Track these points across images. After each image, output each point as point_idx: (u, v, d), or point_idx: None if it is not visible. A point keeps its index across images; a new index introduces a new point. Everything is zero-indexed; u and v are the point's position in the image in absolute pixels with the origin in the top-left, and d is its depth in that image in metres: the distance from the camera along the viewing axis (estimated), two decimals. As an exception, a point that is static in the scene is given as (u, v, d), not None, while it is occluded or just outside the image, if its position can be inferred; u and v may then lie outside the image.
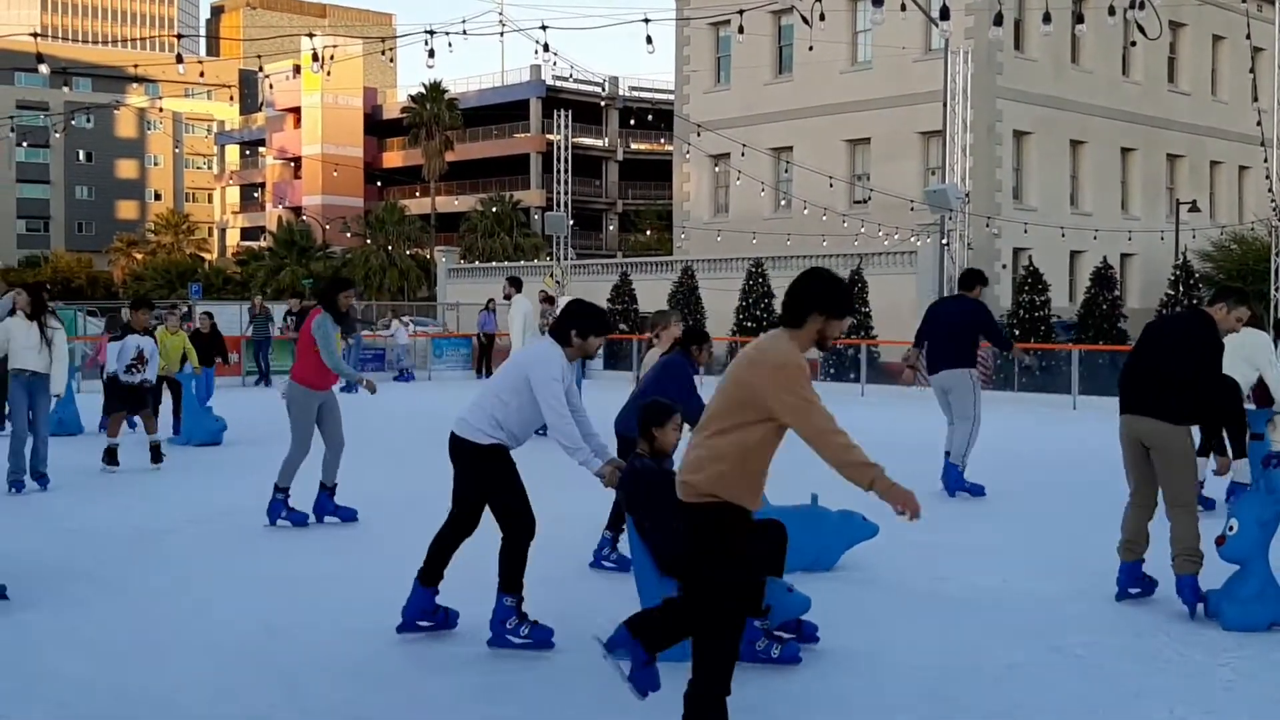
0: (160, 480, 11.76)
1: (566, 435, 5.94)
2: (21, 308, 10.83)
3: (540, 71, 70.63)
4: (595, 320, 6.18)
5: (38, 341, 10.69)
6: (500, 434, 6.06)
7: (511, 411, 6.05)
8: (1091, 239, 38.59)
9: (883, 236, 36.59)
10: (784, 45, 43.30)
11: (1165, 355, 6.70)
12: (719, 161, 43.57)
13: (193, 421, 14.46)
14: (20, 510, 9.98)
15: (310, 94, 78.42)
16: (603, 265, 45.46)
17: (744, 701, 4.73)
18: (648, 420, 6.31)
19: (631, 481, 6.00)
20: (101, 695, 5.18)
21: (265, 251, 71.58)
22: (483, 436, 6.04)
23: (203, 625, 6.31)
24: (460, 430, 6.10)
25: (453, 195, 72.84)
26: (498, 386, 6.16)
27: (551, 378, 5.96)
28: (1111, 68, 42.23)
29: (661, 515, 5.64)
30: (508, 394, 6.08)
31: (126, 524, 9.31)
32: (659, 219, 65.87)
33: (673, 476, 5.56)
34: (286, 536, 8.93)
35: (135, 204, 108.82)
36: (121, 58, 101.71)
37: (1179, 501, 6.56)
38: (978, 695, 5.24)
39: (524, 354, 6.29)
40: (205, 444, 14.23)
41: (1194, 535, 6.49)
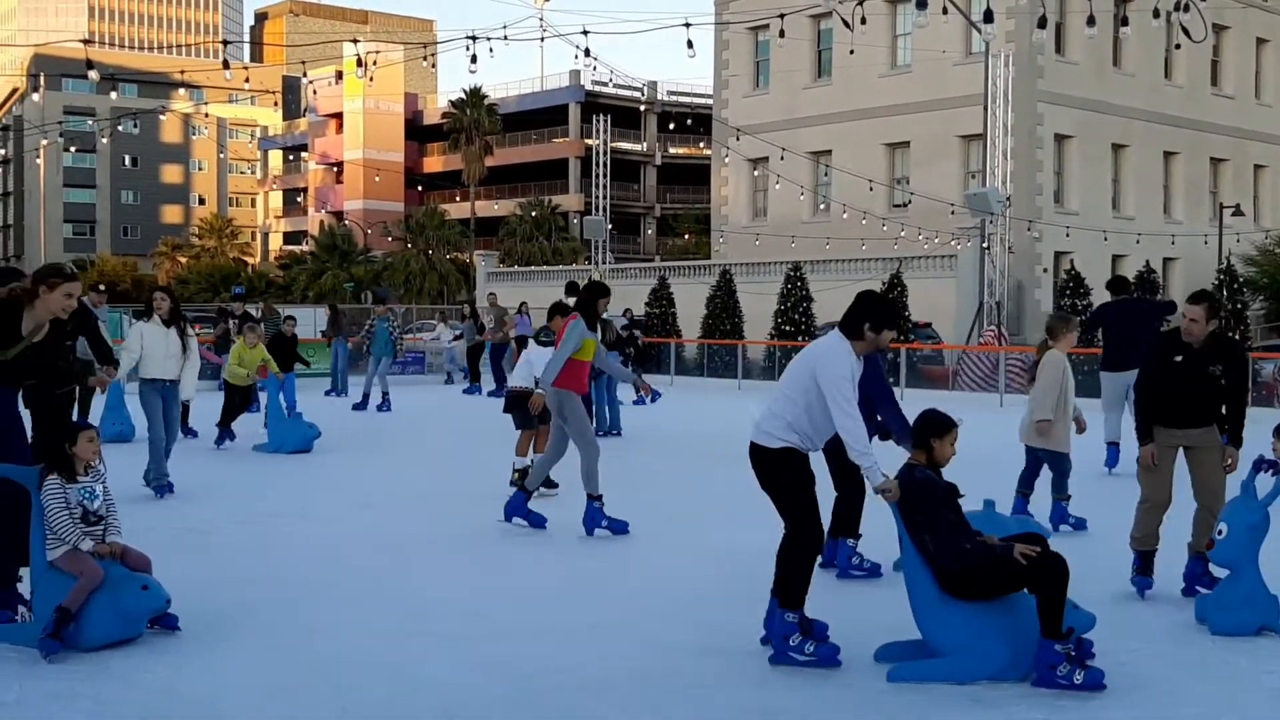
0: (217, 480, 11.88)
1: (855, 438, 5.57)
2: (160, 314, 10.56)
3: (579, 76, 70.88)
4: (890, 313, 5.86)
5: (178, 350, 10.49)
6: (792, 436, 5.73)
7: (801, 411, 5.71)
8: (1134, 243, 38.29)
9: (922, 240, 36.46)
10: (823, 49, 43.24)
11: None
12: (757, 165, 43.55)
13: (284, 429, 14.06)
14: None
15: (352, 99, 79.05)
16: (641, 269, 45.55)
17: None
18: (927, 431, 5.83)
19: (912, 494, 5.63)
20: (150, 695, 5.28)
21: (307, 255, 72.19)
22: (773, 440, 5.75)
23: (251, 626, 6.40)
24: (755, 436, 5.83)
25: (492, 200, 73.20)
26: (786, 386, 5.82)
27: (840, 376, 5.60)
28: (1154, 71, 41.86)
29: (943, 529, 5.50)
30: (796, 393, 5.74)
31: (170, 524, 9.43)
32: (697, 223, 65.90)
33: (954, 488, 5.66)
34: (329, 538, 9.02)
35: (180, 208, 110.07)
36: (167, 64, 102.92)
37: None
38: (1018, 701, 5.24)
39: (811, 350, 5.90)
40: (298, 450, 13.79)
41: None
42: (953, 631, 5.45)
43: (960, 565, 5.44)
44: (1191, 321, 7.13)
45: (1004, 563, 5.41)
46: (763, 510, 9.29)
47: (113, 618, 5.80)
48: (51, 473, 5.92)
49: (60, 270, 6.37)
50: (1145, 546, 7.18)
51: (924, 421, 5.85)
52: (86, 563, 5.78)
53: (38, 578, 5.89)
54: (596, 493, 8.97)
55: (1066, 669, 5.30)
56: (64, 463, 5.95)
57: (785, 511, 5.81)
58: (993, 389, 23.40)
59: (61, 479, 5.90)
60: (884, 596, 7.01)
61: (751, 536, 9.02)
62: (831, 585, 7.37)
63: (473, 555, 8.40)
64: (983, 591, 5.46)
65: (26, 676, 5.46)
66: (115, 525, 6.08)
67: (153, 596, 5.91)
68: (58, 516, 5.82)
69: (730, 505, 9.82)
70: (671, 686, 5.43)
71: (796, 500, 5.74)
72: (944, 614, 5.47)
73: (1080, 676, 5.30)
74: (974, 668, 5.40)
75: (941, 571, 5.49)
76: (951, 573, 5.47)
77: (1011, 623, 5.46)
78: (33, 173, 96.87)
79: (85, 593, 5.71)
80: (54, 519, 5.82)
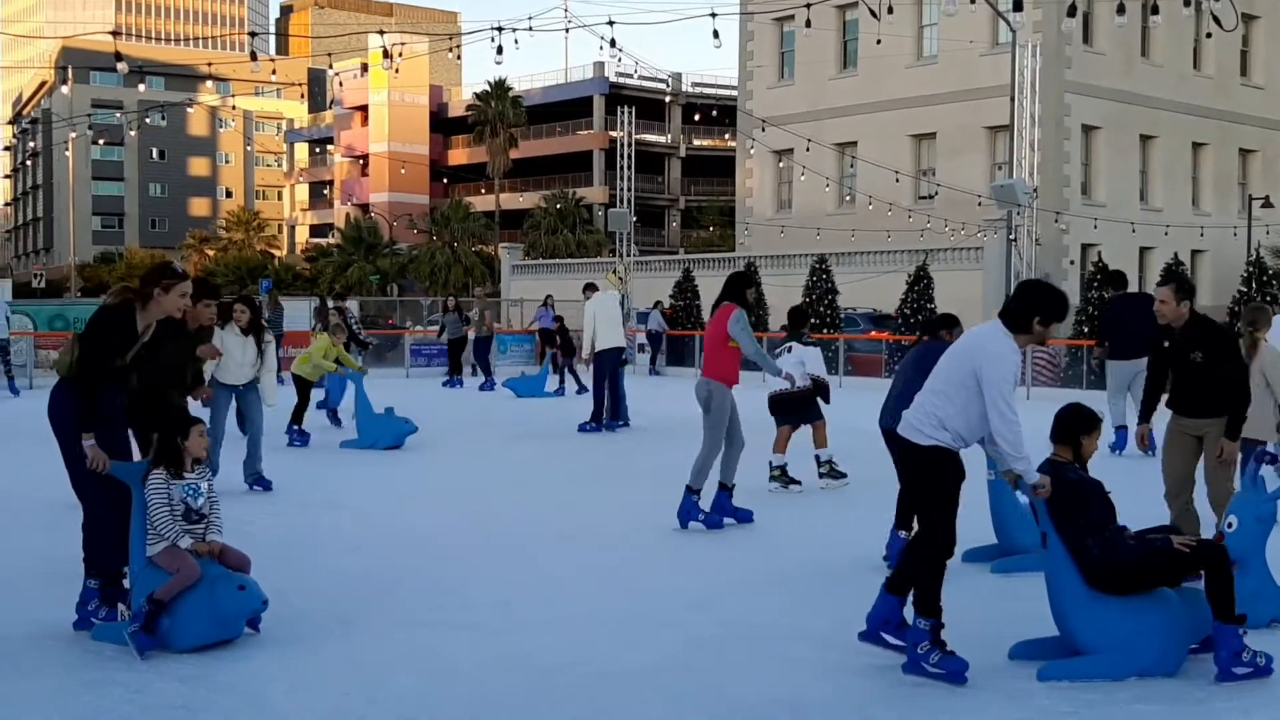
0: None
1: (1012, 438, 5.31)
2: (239, 324, 10.62)
3: (604, 68, 70.85)
4: (1062, 305, 5.54)
5: (254, 358, 10.60)
6: (943, 435, 5.41)
7: (957, 410, 5.39)
8: (1162, 235, 38.03)
9: (949, 232, 36.31)
10: (848, 40, 43.09)
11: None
12: (782, 157, 43.44)
13: (377, 424, 13.70)
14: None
15: (377, 92, 79.29)
16: (665, 262, 45.52)
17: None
18: (1077, 427, 5.67)
19: (1070, 495, 5.48)
20: (182, 683, 5.34)
21: (333, 248, 72.56)
22: (922, 437, 5.46)
23: (282, 616, 6.45)
24: (902, 429, 5.59)
25: (517, 192, 73.31)
26: (940, 381, 5.50)
27: (1005, 377, 5.33)
28: (1182, 61, 41.54)
29: (1107, 529, 5.47)
30: (952, 388, 5.41)
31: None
32: (721, 215, 65.81)
33: (1101, 485, 5.61)
34: (357, 529, 9.08)
35: (207, 201, 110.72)
36: (194, 56, 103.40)
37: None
38: (1046, 694, 5.24)
39: (970, 343, 5.53)
40: (391, 447, 13.52)
41: None
42: (1106, 628, 5.42)
43: (1127, 561, 5.40)
44: (1161, 303, 7.15)
45: (1166, 553, 5.42)
46: (786, 503, 9.34)
47: (208, 619, 5.70)
48: (157, 467, 5.85)
49: (175, 271, 6.28)
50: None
51: (1073, 417, 5.70)
52: (184, 560, 5.71)
53: (136, 574, 5.85)
54: (697, 487, 8.89)
55: (1249, 654, 5.28)
56: (174, 456, 5.87)
57: (921, 512, 5.63)
58: (1019, 382, 23.27)
59: (167, 474, 5.84)
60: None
61: (775, 527, 9.05)
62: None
63: (498, 547, 8.45)
64: (1142, 585, 5.43)
65: (62, 665, 5.54)
66: (217, 524, 5.99)
67: (250, 597, 5.78)
68: (159, 512, 5.77)
69: (754, 496, 9.82)
70: (698, 678, 5.45)
71: (936, 503, 5.47)
72: (1096, 611, 5.43)
73: (1262, 659, 5.32)
74: (1128, 663, 5.39)
75: (1093, 569, 5.41)
76: (1111, 569, 5.40)
77: (1163, 617, 5.44)
78: (61, 166, 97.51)
79: (179, 588, 5.63)
80: (155, 514, 5.77)
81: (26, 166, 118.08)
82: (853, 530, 8.87)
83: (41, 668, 5.53)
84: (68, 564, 7.58)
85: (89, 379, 5.94)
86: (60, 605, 6.50)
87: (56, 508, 9.75)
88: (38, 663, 5.60)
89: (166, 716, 4.93)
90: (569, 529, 9.12)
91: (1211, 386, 7.12)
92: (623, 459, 13.62)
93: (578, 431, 15.83)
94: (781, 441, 10.75)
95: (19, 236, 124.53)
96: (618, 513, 9.88)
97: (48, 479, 11.33)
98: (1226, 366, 7.09)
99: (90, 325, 6.10)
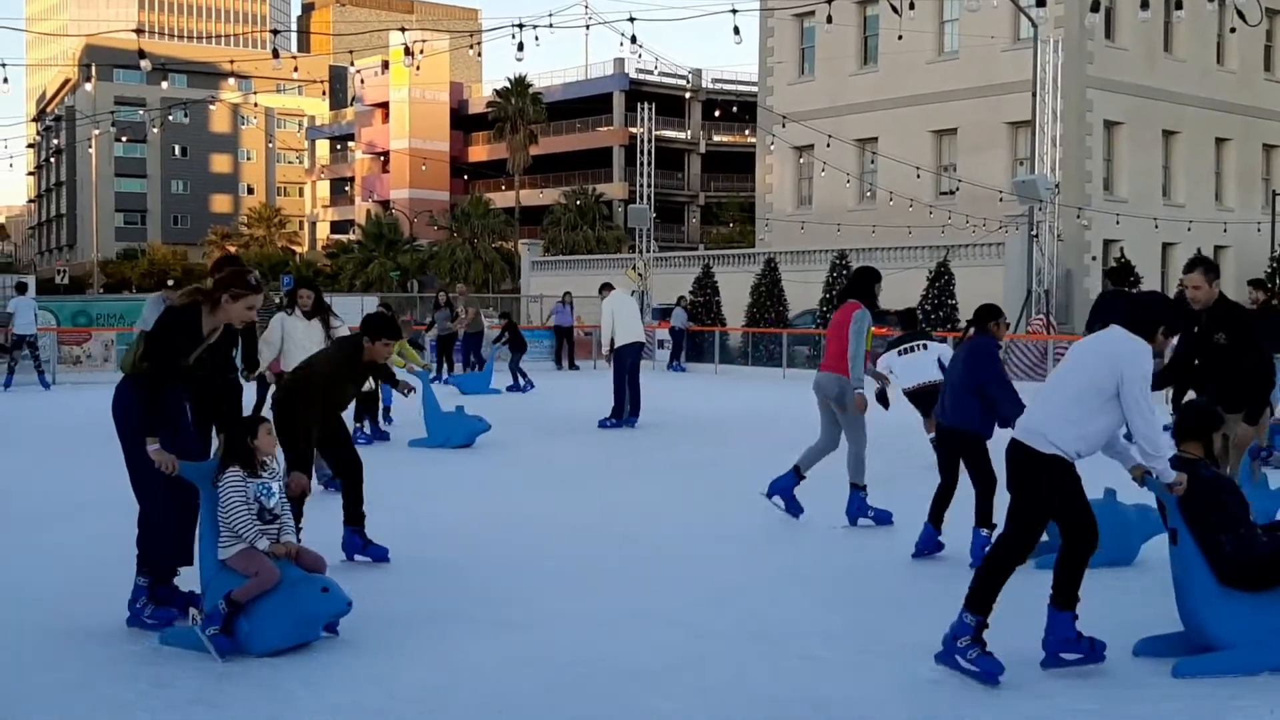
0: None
1: (1153, 444, 5.26)
2: (302, 308, 10.67)
3: (624, 65, 70.87)
4: (1172, 312, 5.58)
5: (320, 342, 10.43)
6: (1074, 444, 5.31)
7: (1094, 414, 5.30)
8: (1185, 231, 37.83)
9: (970, 228, 36.20)
10: (869, 35, 42.97)
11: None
12: (803, 153, 43.37)
13: (448, 423, 13.50)
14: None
15: (398, 89, 79.51)
16: (685, 258, 45.52)
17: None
18: (1207, 424, 5.73)
19: (1205, 493, 5.47)
20: (204, 677, 5.37)
21: (354, 244, 72.75)
22: (1045, 445, 5.31)
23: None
24: (1022, 434, 5.42)
25: (537, 188, 73.40)
26: (1076, 387, 5.37)
27: (1146, 375, 5.24)
28: (1206, 56, 41.27)
29: (1242, 527, 5.46)
30: (1091, 394, 5.30)
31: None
32: (741, 211, 65.76)
33: (1233, 482, 5.68)
34: (377, 524, 9.11)
35: (229, 198, 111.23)
36: (216, 54, 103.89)
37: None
38: (1065, 692, 5.23)
39: (1106, 349, 5.38)
40: (462, 446, 13.38)
41: None
42: (1238, 625, 5.42)
43: (1261, 558, 5.41)
44: (1194, 289, 7.07)
45: None
46: (808, 500, 9.31)
47: (289, 621, 5.53)
48: (230, 466, 5.70)
49: (247, 282, 6.15)
50: None
51: (1203, 415, 5.73)
52: (262, 562, 5.54)
53: (210, 578, 5.67)
54: (861, 482, 8.85)
55: None
56: (244, 456, 5.73)
57: (1015, 516, 5.47)
58: (1040, 378, 23.22)
59: (243, 473, 5.69)
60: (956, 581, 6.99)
61: (796, 524, 9.04)
62: (909, 571, 7.38)
63: (518, 543, 8.46)
64: (1275, 581, 5.45)
65: (87, 658, 5.59)
66: (290, 524, 5.83)
67: (333, 600, 5.55)
68: (236, 512, 5.59)
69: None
70: (719, 675, 5.45)
71: (1076, 506, 5.37)
72: (1228, 608, 5.42)
73: None
74: (1261, 659, 5.39)
75: (1227, 566, 5.41)
76: (1245, 566, 5.41)
77: None
78: (85, 162, 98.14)
79: (258, 591, 5.47)
80: (232, 514, 5.59)
81: (50, 163, 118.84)
82: (881, 529, 8.86)
83: (63, 660, 5.58)
84: (93, 559, 7.66)
85: (154, 379, 5.88)
86: (85, 599, 6.55)
87: (85, 504, 9.83)
88: (62, 655, 5.65)
89: (189, 711, 4.96)
90: (590, 525, 9.13)
91: (1232, 375, 7.04)
92: (643, 455, 13.62)
93: (598, 427, 15.86)
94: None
95: (42, 233, 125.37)
96: (638, 508, 9.89)
97: (76, 475, 11.45)
98: (1251, 351, 7.03)
99: (157, 325, 6.04)
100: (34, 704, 5.04)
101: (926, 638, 5.69)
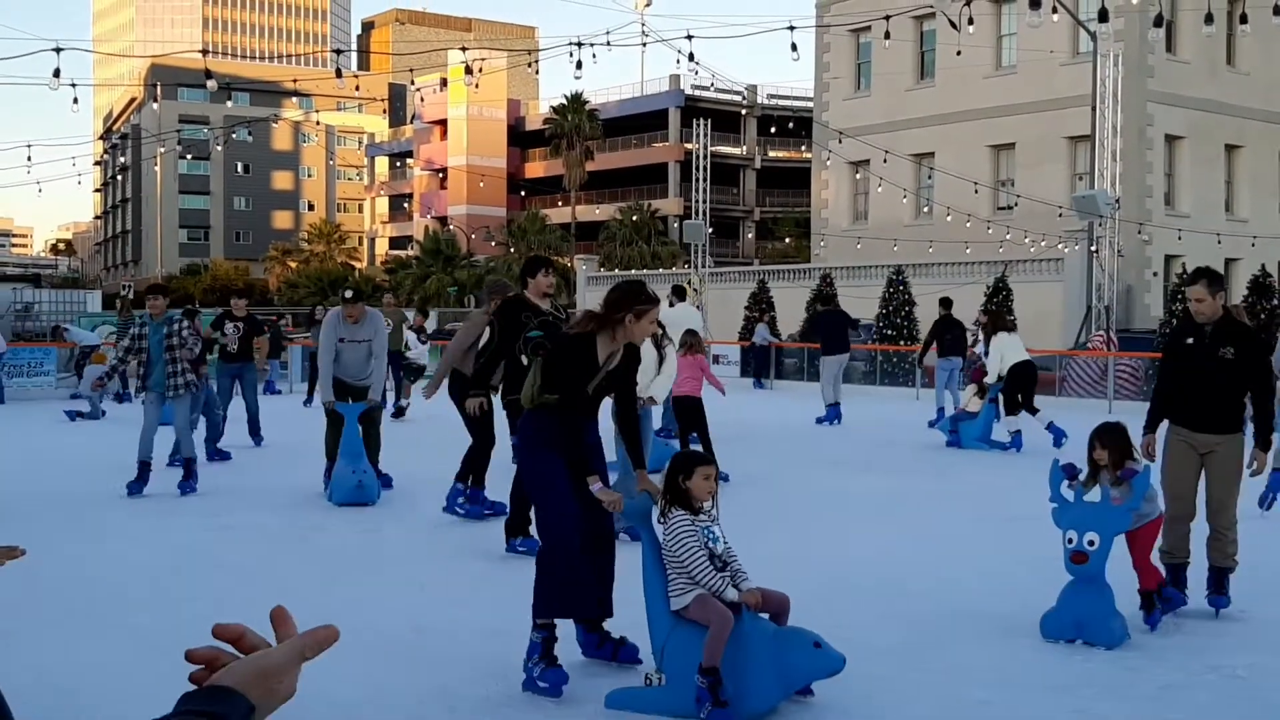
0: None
1: None
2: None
3: (679, 81, 71.07)
4: None
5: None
6: None
7: None
8: (1249, 246, 37.25)
9: (1029, 244, 35.88)
10: (925, 51, 42.80)
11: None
12: (859, 168, 43.23)
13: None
14: (187, 507, 10.46)
15: (456, 106, 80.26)
16: (740, 273, 45.48)
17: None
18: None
19: None
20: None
21: (412, 260, 73.45)
22: None
23: (352, 624, 6.56)
24: None
25: (592, 204, 73.73)
26: None
27: None
28: (1270, 69, 40.68)
29: None
30: None
31: (290, 522, 9.71)
32: (796, 226, 65.61)
33: None
34: (428, 537, 9.20)
35: (290, 214, 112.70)
36: (279, 73, 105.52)
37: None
38: (1086, 686, 5.18)
39: None
40: (654, 472, 12.53)
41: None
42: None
43: None
44: (1197, 302, 6.75)
45: None
46: (872, 518, 9.29)
47: (775, 678, 5.05)
48: (672, 506, 5.26)
49: (648, 295, 5.69)
50: (1173, 560, 6.81)
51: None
52: (715, 607, 5.02)
53: (664, 632, 5.18)
54: None
55: None
56: (681, 496, 5.27)
57: None
58: (1101, 395, 22.95)
59: (690, 515, 5.24)
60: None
61: (858, 545, 9.01)
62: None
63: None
64: None
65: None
66: (741, 570, 5.28)
67: (827, 657, 5.00)
68: (696, 557, 5.11)
69: (838, 512, 9.78)
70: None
71: None
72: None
73: None
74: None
75: None
76: None
77: None
78: (150, 179, 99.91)
79: (723, 643, 4.92)
80: (690, 559, 5.11)
81: (116, 181, 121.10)
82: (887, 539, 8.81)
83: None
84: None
85: (567, 412, 5.56)
86: (451, 665, 6.64)
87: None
88: None
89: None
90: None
91: (1235, 393, 6.78)
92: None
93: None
94: None
95: (108, 249, 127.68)
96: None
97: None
98: (1261, 367, 6.80)
99: (554, 356, 5.69)
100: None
101: (971, 661, 5.67)
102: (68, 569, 7.84)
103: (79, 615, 6.72)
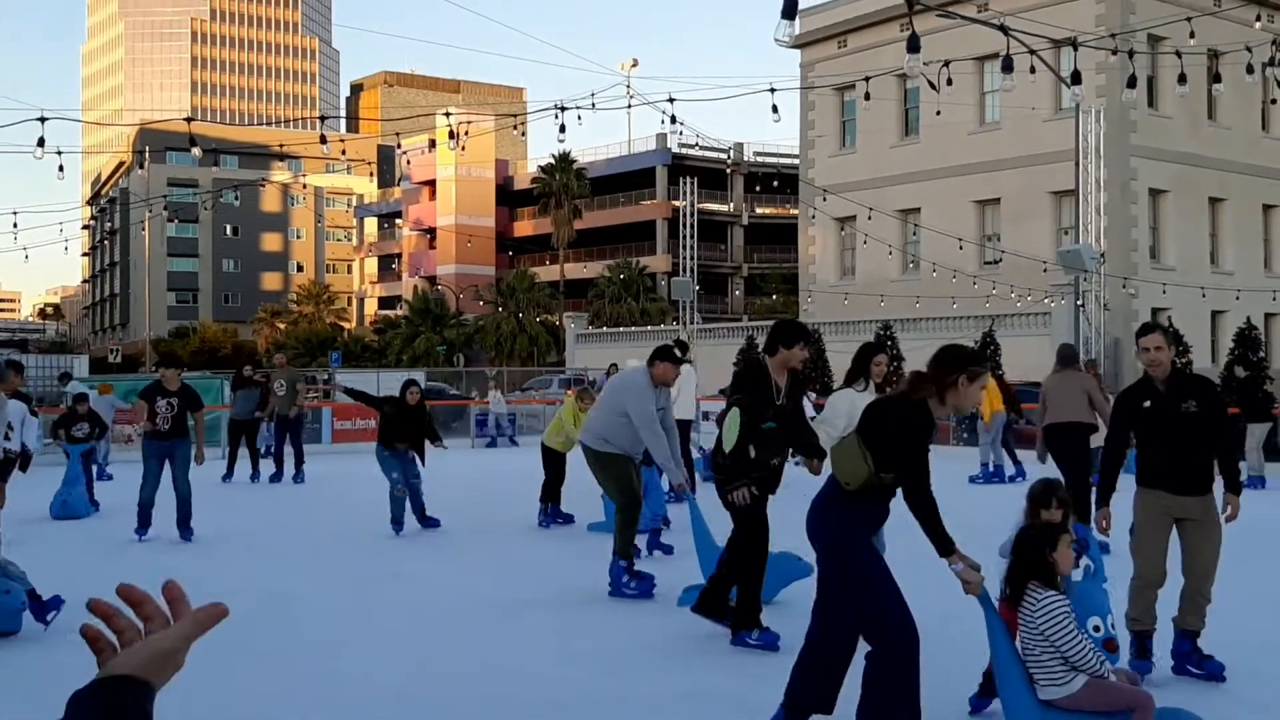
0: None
1: None
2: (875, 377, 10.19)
3: (666, 140, 71.67)
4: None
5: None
6: None
7: None
8: (1234, 299, 37.48)
9: (1015, 298, 36.06)
10: (909, 108, 43.26)
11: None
12: (845, 224, 43.52)
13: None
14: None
15: (445, 167, 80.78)
16: (728, 329, 45.61)
17: None
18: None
19: None
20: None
21: (401, 320, 73.52)
22: None
23: (333, 671, 6.45)
24: None
25: (581, 262, 74.02)
26: None
27: None
28: (1251, 123, 41.18)
29: None
30: None
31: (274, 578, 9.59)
32: (784, 282, 65.89)
33: None
34: (421, 600, 9.09)
35: (279, 275, 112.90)
36: (267, 136, 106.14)
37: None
38: None
39: None
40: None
41: None
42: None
43: None
44: (1156, 350, 6.50)
45: None
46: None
47: None
48: (1034, 583, 4.79)
49: (980, 361, 5.19)
50: (1141, 627, 6.55)
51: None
52: (1124, 691, 4.63)
53: None
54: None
55: None
56: (1046, 574, 4.81)
57: None
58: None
59: (1058, 592, 4.80)
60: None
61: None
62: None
63: (561, 619, 8.38)
64: None
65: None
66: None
67: None
68: (1076, 637, 4.65)
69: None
70: (730, 692, 5.35)
71: None
72: None
73: None
74: None
75: None
76: None
77: None
78: (138, 243, 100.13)
79: None
80: (1071, 642, 4.64)
81: (104, 245, 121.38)
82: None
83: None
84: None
85: (924, 493, 4.97)
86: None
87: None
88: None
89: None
90: (627, 598, 9.04)
91: (1204, 449, 6.53)
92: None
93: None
94: None
95: (96, 313, 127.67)
96: (671, 578, 9.82)
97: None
98: (1223, 414, 6.64)
99: (902, 430, 4.98)
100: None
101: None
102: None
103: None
